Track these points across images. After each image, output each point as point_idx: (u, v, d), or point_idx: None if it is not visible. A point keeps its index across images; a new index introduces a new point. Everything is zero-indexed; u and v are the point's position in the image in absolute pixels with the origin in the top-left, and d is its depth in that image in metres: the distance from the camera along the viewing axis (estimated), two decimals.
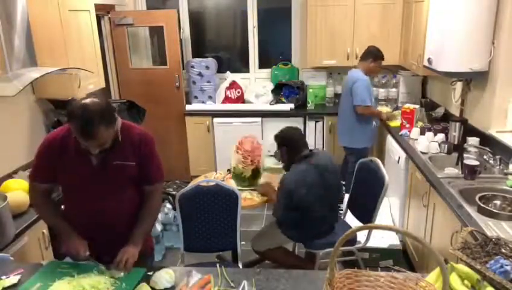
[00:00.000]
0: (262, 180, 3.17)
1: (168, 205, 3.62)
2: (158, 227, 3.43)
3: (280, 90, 4.76)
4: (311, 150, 2.71)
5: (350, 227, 2.85)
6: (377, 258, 3.18)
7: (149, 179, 1.88)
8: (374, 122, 3.93)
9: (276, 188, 2.79)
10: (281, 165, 2.93)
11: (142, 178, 1.86)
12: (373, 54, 3.75)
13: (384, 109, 4.17)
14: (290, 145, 2.71)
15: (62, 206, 1.96)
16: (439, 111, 3.88)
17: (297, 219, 2.63)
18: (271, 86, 4.82)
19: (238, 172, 3.05)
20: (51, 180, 1.82)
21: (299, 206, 2.57)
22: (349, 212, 3.01)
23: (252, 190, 3.08)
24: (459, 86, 3.43)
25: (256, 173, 3.09)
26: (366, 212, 2.69)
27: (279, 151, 2.78)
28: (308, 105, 4.68)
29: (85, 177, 1.76)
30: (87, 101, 1.62)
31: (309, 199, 2.55)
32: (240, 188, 2.98)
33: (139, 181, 1.87)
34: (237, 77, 4.90)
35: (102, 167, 1.75)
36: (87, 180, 1.77)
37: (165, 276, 1.65)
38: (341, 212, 3.08)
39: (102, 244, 1.78)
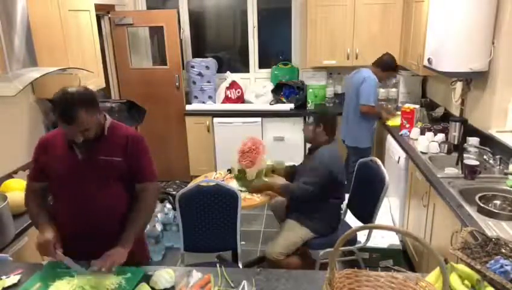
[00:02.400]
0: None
1: (168, 205, 3.62)
2: (158, 227, 3.43)
3: (280, 90, 4.76)
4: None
5: (350, 227, 2.85)
6: (377, 258, 3.18)
7: (139, 177, 1.88)
8: (375, 122, 3.96)
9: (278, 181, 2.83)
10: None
11: (133, 176, 1.86)
12: (387, 65, 3.76)
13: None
14: (329, 125, 2.69)
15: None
16: (439, 111, 3.88)
17: (328, 206, 2.68)
18: (271, 86, 4.82)
19: (248, 174, 2.97)
20: (43, 179, 1.85)
21: (335, 185, 2.61)
22: (349, 212, 3.01)
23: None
24: (459, 86, 3.43)
25: (260, 172, 3.07)
26: (366, 212, 2.69)
27: (313, 127, 2.68)
28: (308, 105, 4.68)
29: (71, 172, 1.78)
30: (68, 87, 1.67)
31: (342, 179, 2.64)
32: (243, 189, 2.92)
33: (130, 179, 1.87)
34: (237, 77, 4.90)
35: (88, 162, 1.77)
36: (73, 176, 1.78)
37: (165, 276, 1.65)
38: (341, 212, 3.07)
39: (92, 244, 1.75)
